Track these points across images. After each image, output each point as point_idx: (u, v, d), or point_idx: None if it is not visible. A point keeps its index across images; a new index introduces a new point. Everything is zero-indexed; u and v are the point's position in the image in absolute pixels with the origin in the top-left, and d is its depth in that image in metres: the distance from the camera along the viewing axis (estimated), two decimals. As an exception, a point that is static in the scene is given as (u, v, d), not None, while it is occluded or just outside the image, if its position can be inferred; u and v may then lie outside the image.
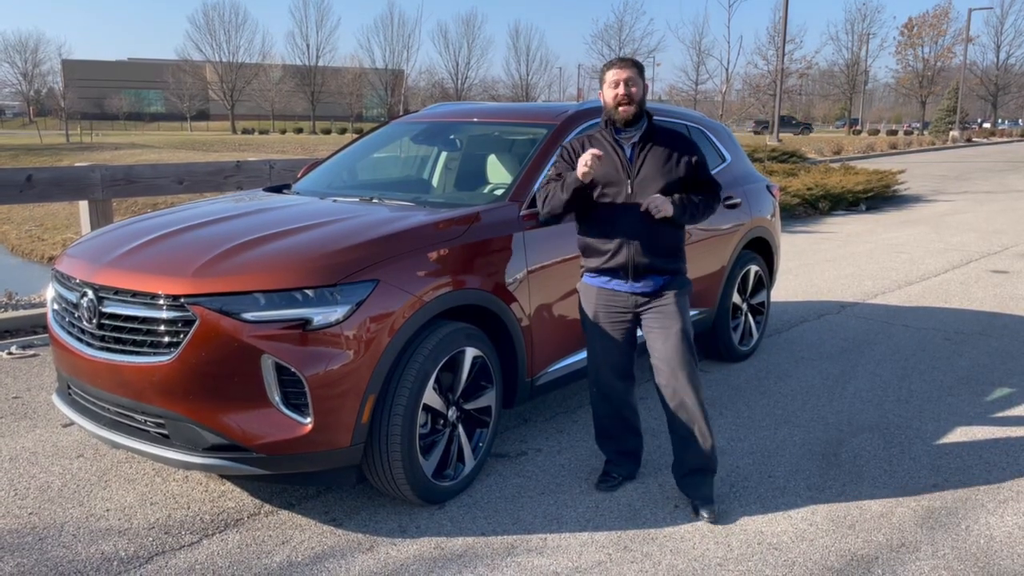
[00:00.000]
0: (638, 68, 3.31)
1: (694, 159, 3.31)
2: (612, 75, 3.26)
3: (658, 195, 3.18)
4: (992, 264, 8.93)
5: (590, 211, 3.31)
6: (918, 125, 76.45)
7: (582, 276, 3.43)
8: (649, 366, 3.34)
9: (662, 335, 3.26)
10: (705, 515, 3.22)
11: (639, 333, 3.38)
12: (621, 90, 3.22)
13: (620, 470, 3.52)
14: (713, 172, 5.02)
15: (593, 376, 3.46)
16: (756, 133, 54.49)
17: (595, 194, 3.26)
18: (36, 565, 2.85)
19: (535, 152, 3.95)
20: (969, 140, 46.75)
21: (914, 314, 6.65)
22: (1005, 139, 50.82)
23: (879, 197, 14.74)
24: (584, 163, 3.09)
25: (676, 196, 3.21)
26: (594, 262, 3.33)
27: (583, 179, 3.13)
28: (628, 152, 3.28)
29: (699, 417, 3.26)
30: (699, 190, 3.31)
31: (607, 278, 3.31)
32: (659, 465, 3.67)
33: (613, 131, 3.31)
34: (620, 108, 3.23)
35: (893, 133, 61.02)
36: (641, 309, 3.31)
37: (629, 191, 3.23)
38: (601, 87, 3.32)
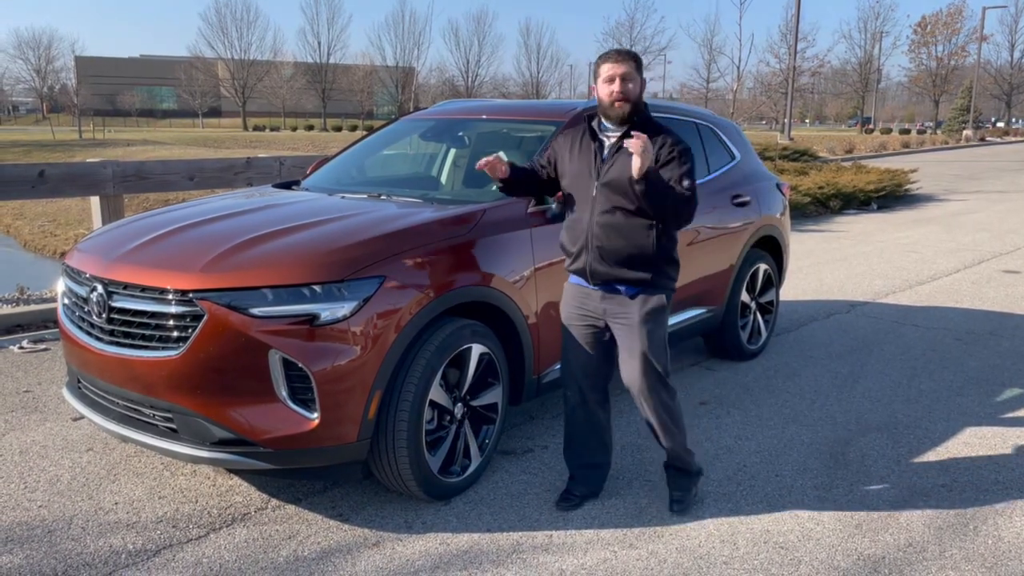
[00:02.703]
0: (636, 62, 3.06)
1: (667, 154, 3.01)
2: (607, 69, 3.03)
3: (641, 137, 2.83)
4: (1004, 264, 8.87)
5: (565, 211, 3.25)
6: (931, 124, 76.01)
7: None
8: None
9: (625, 354, 3.14)
10: (675, 508, 3.27)
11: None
12: (617, 87, 3.00)
13: (582, 488, 3.34)
14: (722, 170, 5.06)
15: (566, 379, 3.32)
16: None
17: (565, 193, 3.20)
18: (45, 557, 2.87)
19: (543, 149, 3.94)
20: (982, 139, 46.43)
21: (924, 314, 6.61)
22: (1019, 138, 50.44)
23: (891, 196, 14.67)
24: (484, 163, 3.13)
25: (656, 172, 2.92)
26: (566, 263, 3.25)
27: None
28: (605, 152, 3.09)
29: (674, 432, 3.24)
30: None
31: (580, 277, 3.20)
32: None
33: (600, 126, 3.13)
34: (616, 104, 3.02)
35: (906, 132, 60.67)
36: (608, 318, 3.16)
37: (593, 193, 3.07)
38: (595, 80, 3.10)
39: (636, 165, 2.85)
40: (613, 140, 3.09)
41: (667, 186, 2.96)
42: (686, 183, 2.99)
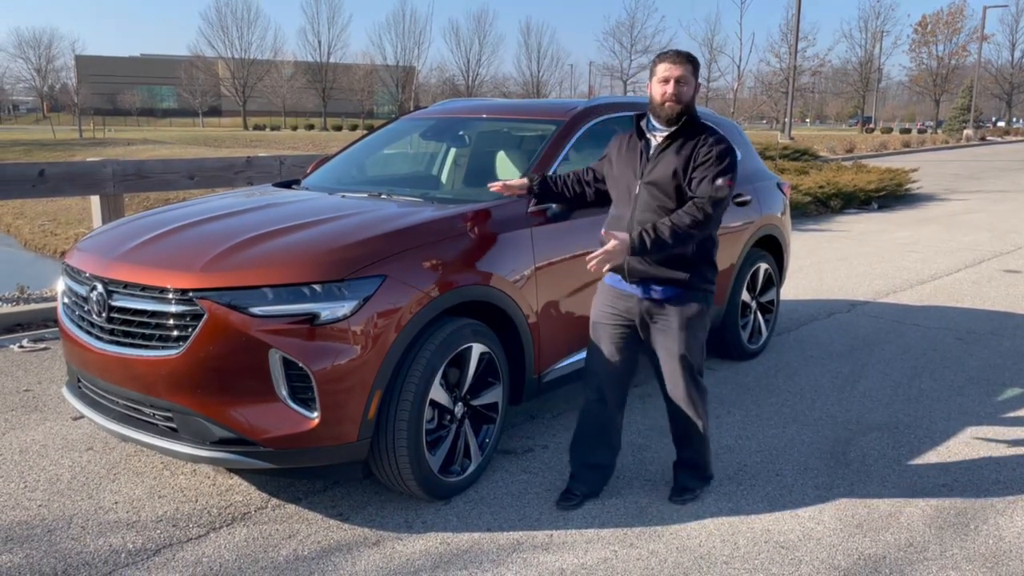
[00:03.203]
0: (693, 65, 3.09)
1: (703, 155, 3.01)
2: (663, 70, 3.06)
3: (618, 238, 2.94)
4: (1004, 264, 8.87)
5: (610, 208, 3.28)
6: (932, 123, 76.00)
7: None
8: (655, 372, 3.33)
9: (664, 354, 3.20)
10: (675, 498, 3.33)
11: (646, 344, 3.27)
12: (671, 88, 3.03)
13: (583, 487, 3.33)
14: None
15: (587, 376, 3.33)
16: None
17: (611, 190, 3.25)
18: (45, 556, 2.87)
19: (544, 148, 3.94)
20: (983, 139, 46.43)
21: (925, 313, 6.61)
22: (1020, 138, 50.43)
23: (891, 196, 14.66)
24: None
25: (639, 231, 2.97)
26: None
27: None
28: (651, 151, 3.13)
29: (698, 432, 3.31)
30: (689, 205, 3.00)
31: (617, 276, 3.20)
32: (665, 463, 3.65)
33: (648, 124, 3.17)
34: (666, 104, 3.05)
35: (906, 132, 60.68)
36: (645, 318, 3.17)
37: (636, 191, 3.12)
38: (650, 79, 3.14)
39: (605, 267, 3.05)
40: (660, 140, 3.12)
41: (659, 241, 2.95)
42: (719, 181, 3.00)
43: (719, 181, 3.00)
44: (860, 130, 66.15)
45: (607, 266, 3.06)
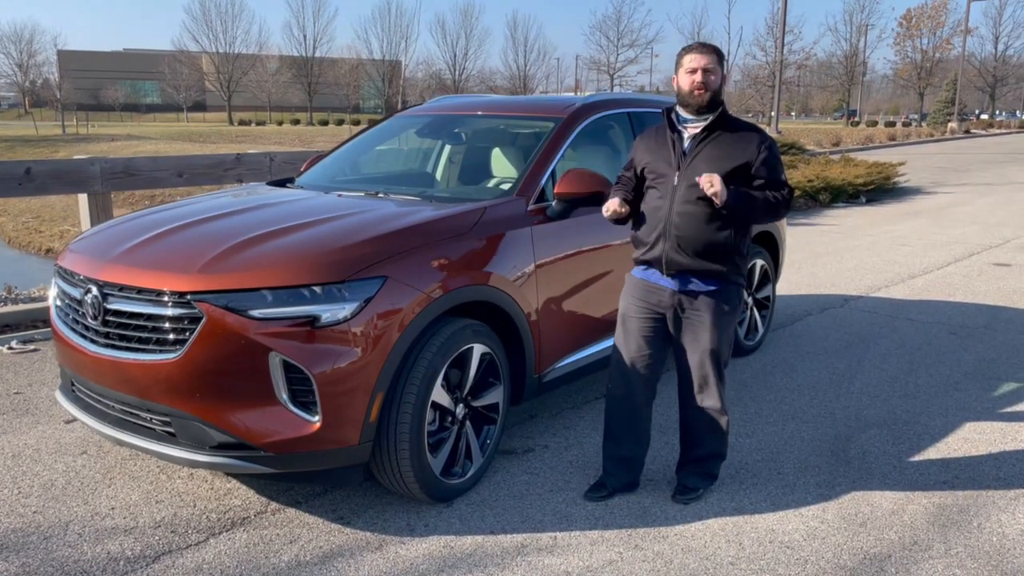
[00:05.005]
0: (718, 55, 3.12)
1: (760, 156, 3.07)
2: (690, 60, 3.10)
3: (716, 175, 2.95)
4: (994, 257, 8.91)
5: (642, 202, 3.24)
6: (916, 116, 76.46)
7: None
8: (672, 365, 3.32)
9: (691, 346, 3.19)
10: (679, 497, 3.32)
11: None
12: (699, 77, 3.06)
13: (613, 481, 3.36)
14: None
15: (614, 371, 3.33)
16: None
17: (645, 185, 3.23)
18: (41, 565, 2.82)
19: (542, 146, 3.91)
20: (967, 132, 46.77)
21: (918, 308, 6.63)
22: (1003, 131, 50.86)
23: (879, 189, 14.73)
24: (607, 210, 3.16)
25: (735, 187, 3.01)
26: (636, 253, 3.25)
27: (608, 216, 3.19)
28: (687, 143, 3.13)
29: (718, 428, 3.29)
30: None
31: (646, 268, 3.22)
32: (669, 462, 3.63)
33: (677, 118, 3.18)
34: (695, 93, 3.07)
35: (891, 125, 61.02)
36: (677, 311, 3.18)
37: (675, 183, 3.10)
38: (676, 72, 3.15)
39: (716, 199, 2.95)
40: (696, 131, 3.12)
41: (749, 198, 3.01)
42: (783, 177, 3.11)
43: (783, 177, 3.13)
44: (845, 123, 66.46)
45: (724, 195, 2.94)
